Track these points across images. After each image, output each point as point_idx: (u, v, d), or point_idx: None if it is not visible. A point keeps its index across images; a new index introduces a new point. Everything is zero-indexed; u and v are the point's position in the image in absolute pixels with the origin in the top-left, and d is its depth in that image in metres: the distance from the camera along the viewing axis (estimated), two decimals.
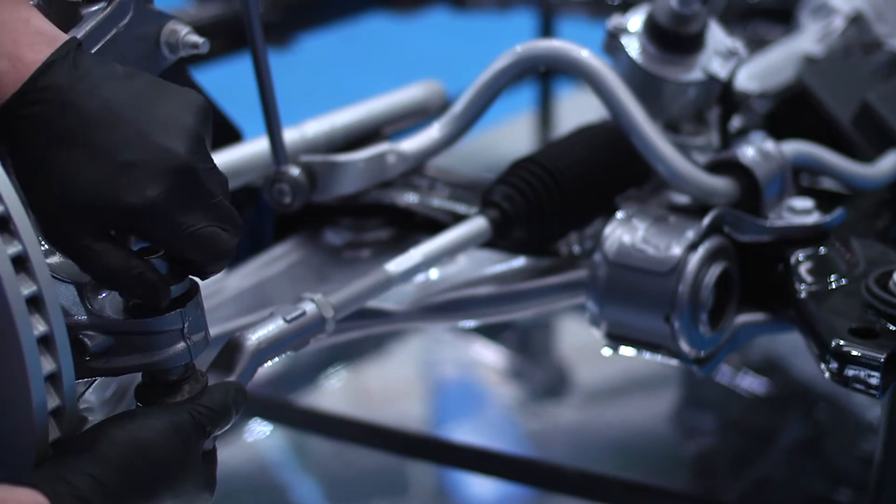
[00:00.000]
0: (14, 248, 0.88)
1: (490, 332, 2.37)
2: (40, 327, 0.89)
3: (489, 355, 2.35)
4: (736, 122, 1.55)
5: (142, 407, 0.98)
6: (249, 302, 1.33)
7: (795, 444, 2.09)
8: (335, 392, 2.13)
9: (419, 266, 1.22)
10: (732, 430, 2.17)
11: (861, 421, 2.10)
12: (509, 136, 2.80)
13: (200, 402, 0.97)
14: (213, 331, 1.01)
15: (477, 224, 1.30)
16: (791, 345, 2.16)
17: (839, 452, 2.05)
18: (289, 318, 1.11)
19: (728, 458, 2.09)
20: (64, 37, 0.95)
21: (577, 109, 1.43)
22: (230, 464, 2.01)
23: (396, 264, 1.21)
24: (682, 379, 2.29)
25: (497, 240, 1.33)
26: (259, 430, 2.07)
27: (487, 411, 2.28)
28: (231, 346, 1.08)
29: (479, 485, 1.93)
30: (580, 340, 2.42)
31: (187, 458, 0.94)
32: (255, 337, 1.09)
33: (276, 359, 1.13)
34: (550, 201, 1.33)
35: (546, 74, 2.87)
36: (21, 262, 0.88)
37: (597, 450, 2.07)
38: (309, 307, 1.13)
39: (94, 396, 1.18)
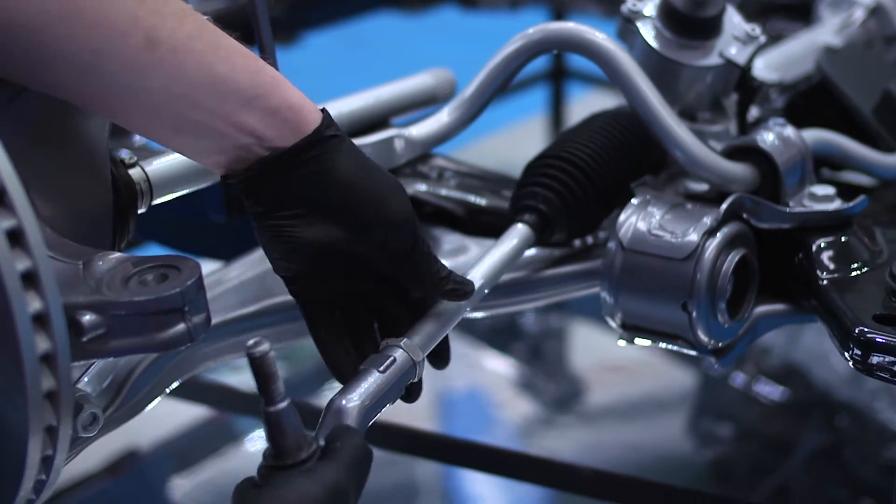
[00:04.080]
0: (9, 222, 0.85)
1: (500, 344, 2.35)
2: (35, 304, 0.85)
3: (500, 366, 2.33)
4: (754, 113, 1.51)
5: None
6: (251, 292, 1.30)
7: (816, 451, 2.07)
8: None
9: (482, 288, 1.17)
10: (752, 437, 2.15)
11: (883, 429, 2.08)
12: (520, 138, 2.77)
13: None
14: (214, 320, 0.98)
15: (520, 233, 1.26)
16: (810, 352, 2.14)
17: (860, 460, 2.02)
18: (382, 368, 1.05)
19: (747, 465, 2.07)
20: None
21: (589, 112, 1.39)
22: (234, 464, 1.99)
23: None
24: (700, 387, 2.27)
25: (537, 243, 1.28)
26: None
27: (498, 414, 2.25)
28: (335, 412, 1.02)
29: (489, 484, 1.91)
30: (594, 350, 2.40)
31: None
32: (357, 395, 1.03)
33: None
34: (585, 197, 1.30)
35: (558, 76, 2.85)
36: (16, 237, 0.85)
37: (611, 452, 2.05)
38: (398, 353, 1.07)
39: (91, 387, 1.15)
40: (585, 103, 1.58)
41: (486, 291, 1.18)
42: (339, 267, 1.07)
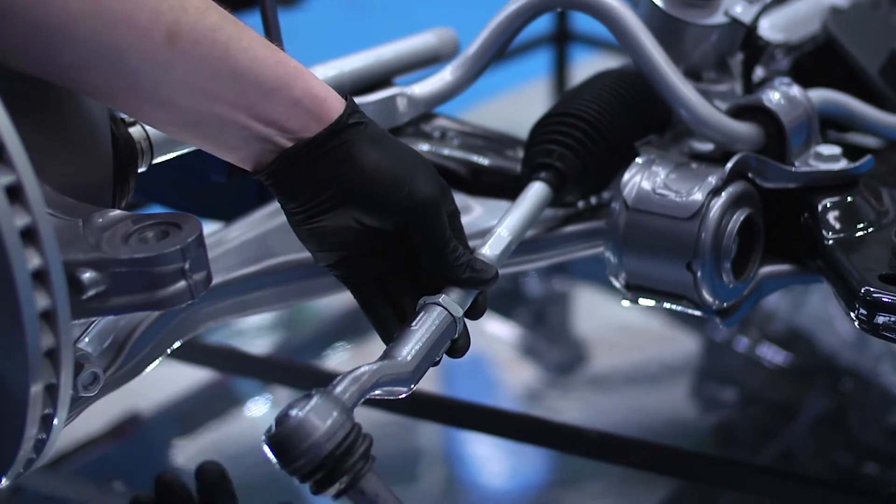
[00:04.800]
0: (8, 178, 0.84)
1: (503, 309, 2.34)
2: (35, 261, 0.84)
3: (503, 331, 2.33)
4: (759, 73, 1.50)
5: None
6: (252, 253, 1.29)
7: (820, 416, 2.06)
8: (345, 360, 2.11)
9: (510, 245, 1.16)
10: (756, 402, 2.14)
11: (887, 393, 2.07)
12: (524, 102, 2.76)
13: None
14: (215, 280, 0.97)
15: (538, 191, 1.24)
16: (815, 317, 2.14)
17: (864, 425, 2.02)
18: (419, 325, 1.06)
19: (751, 429, 2.06)
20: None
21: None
22: (237, 427, 1.99)
23: (491, 247, 1.14)
24: (704, 351, 2.26)
25: (553, 202, 1.27)
26: (267, 395, 2.04)
27: (502, 378, 2.25)
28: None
29: (493, 447, 1.90)
30: (598, 315, 2.39)
31: None
32: (407, 352, 1.04)
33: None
34: (599, 154, 1.28)
35: (562, 39, 2.84)
36: (15, 193, 0.84)
37: (616, 416, 2.04)
38: (437, 311, 1.07)
39: (91, 348, 1.15)
40: (589, 67, 1.57)
41: (511, 250, 1.17)
42: (376, 249, 1.07)
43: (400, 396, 1.04)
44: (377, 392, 1.01)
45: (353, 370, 1.00)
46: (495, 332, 2.32)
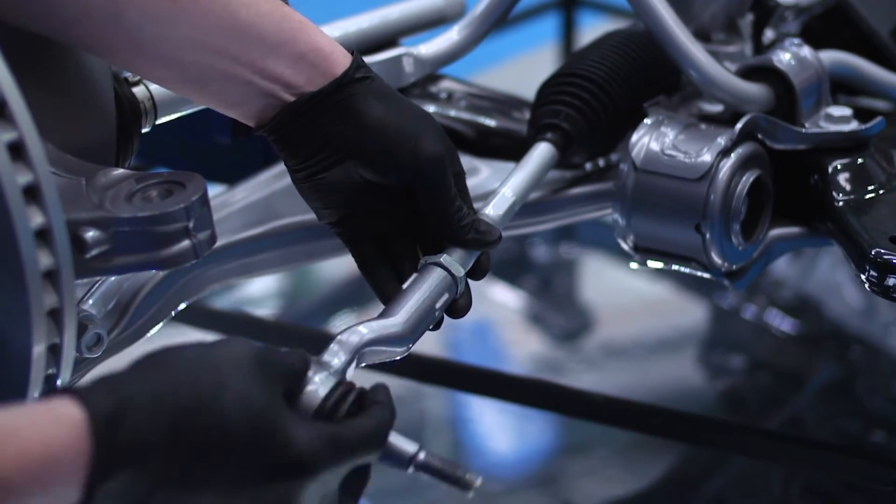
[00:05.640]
0: (10, 135, 0.83)
1: (510, 276, 2.34)
2: (37, 219, 0.84)
3: (509, 298, 2.32)
4: (769, 35, 1.49)
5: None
6: (257, 215, 1.28)
7: (828, 384, 2.06)
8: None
9: (513, 206, 1.14)
10: (764, 369, 2.13)
11: (895, 362, 2.07)
12: (531, 68, 2.74)
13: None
14: (219, 242, 0.96)
15: (543, 151, 1.23)
16: (823, 284, 2.13)
17: (872, 392, 2.01)
18: (417, 284, 1.04)
19: (759, 396, 2.06)
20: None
21: None
22: None
23: (494, 207, 1.12)
24: (713, 318, 2.26)
25: (558, 163, 1.26)
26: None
27: (508, 345, 2.25)
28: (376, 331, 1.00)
29: (500, 411, 1.90)
30: (605, 282, 2.39)
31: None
32: (399, 315, 1.02)
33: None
34: (606, 115, 1.27)
35: (569, 4, 2.82)
36: (17, 150, 0.83)
37: (623, 381, 2.04)
38: (436, 270, 1.05)
39: (95, 310, 1.14)
40: (597, 32, 1.56)
41: (515, 211, 1.15)
42: (379, 207, 1.05)
43: (396, 357, 1.02)
44: (372, 353, 0.99)
45: (342, 332, 0.98)
46: (502, 300, 2.31)
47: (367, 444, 0.87)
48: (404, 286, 1.05)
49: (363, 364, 0.98)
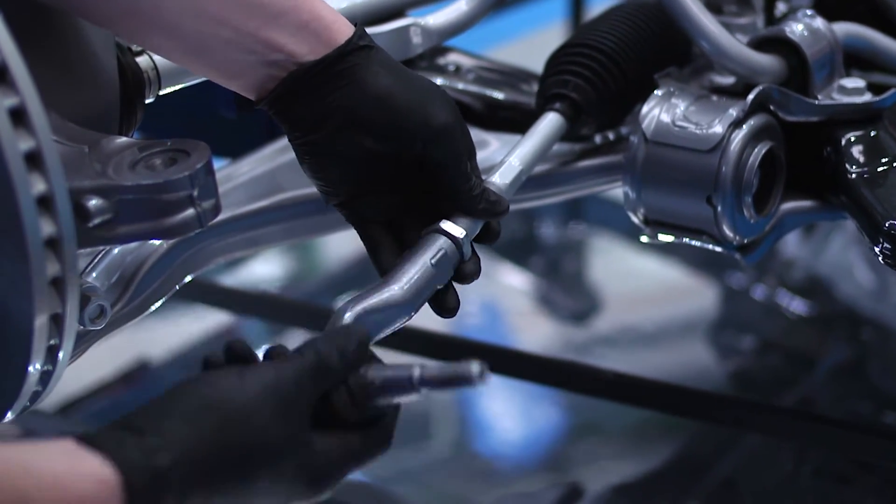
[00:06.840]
0: (11, 100, 0.81)
1: (519, 258, 2.33)
2: (39, 186, 0.82)
3: (517, 280, 2.31)
4: (782, 8, 1.47)
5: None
6: (262, 188, 1.27)
7: (839, 365, 2.05)
8: None
9: (520, 175, 1.12)
10: (775, 350, 2.13)
11: None
12: (539, 47, 2.73)
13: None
14: (224, 215, 0.95)
15: (552, 121, 1.21)
16: (835, 265, 2.12)
17: (884, 374, 2.01)
18: (418, 250, 1.03)
19: (770, 377, 2.05)
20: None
21: None
22: None
23: (501, 176, 1.11)
24: (724, 299, 2.25)
25: (567, 134, 1.24)
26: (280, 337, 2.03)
27: (516, 324, 2.24)
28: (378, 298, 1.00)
29: (508, 387, 1.89)
30: (614, 263, 2.38)
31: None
32: (402, 280, 1.01)
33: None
34: (616, 86, 1.26)
35: None
36: (19, 116, 0.82)
37: (632, 359, 2.03)
38: (436, 236, 1.04)
39: (99, 283, 1.13)
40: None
41: (522, 180, 1.14)
42: (384, 183, 1.04)
43: (397, 325, 1.01)
44: (375, 324, 0.98)
45: (341, 303, 0.97)
46: (510, 281, 2.30)
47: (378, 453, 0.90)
48: (404, 254, 1.04)
49: (374, 340, 0.97)
